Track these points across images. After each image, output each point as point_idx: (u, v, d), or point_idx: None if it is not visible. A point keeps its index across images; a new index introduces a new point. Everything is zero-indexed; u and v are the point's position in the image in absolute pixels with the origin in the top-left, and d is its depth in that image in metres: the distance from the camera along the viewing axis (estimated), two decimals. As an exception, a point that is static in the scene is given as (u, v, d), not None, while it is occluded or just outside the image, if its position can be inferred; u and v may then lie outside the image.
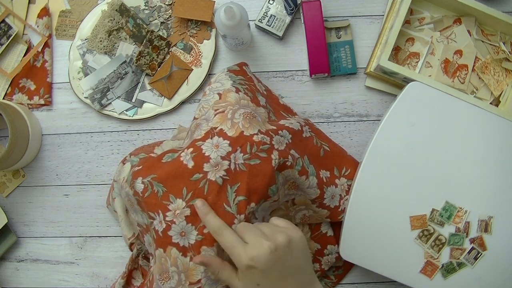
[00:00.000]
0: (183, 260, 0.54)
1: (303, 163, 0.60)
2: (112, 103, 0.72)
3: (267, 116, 0.61)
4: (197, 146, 0.56)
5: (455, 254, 0.61)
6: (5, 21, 0.72)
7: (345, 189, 0.66)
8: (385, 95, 0.72)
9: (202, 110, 0.61)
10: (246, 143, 0.56)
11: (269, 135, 0.57)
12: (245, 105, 0.59)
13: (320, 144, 0.65)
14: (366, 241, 0.62)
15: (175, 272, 0.55)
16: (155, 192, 0.55)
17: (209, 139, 0.56)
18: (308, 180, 0.61)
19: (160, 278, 0.56)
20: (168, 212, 0.54)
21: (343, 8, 0.73)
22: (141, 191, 0.55)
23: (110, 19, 0.71)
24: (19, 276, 0.73)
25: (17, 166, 0.71)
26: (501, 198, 0.62)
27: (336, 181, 0.65)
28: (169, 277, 0.55)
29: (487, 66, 0.69)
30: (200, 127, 0.58)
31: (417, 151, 0.62)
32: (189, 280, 0.54)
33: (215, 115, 0.58)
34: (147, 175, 0.56)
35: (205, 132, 0.56)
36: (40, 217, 0.73)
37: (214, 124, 0.57)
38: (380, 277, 0.62)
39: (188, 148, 0.56)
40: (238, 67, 0.65)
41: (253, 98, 0.61)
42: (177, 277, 0.55)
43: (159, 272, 0.56)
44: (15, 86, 0.73)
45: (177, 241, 0.54)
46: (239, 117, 0.57)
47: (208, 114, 0.59)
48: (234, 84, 0.61)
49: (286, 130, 0.59)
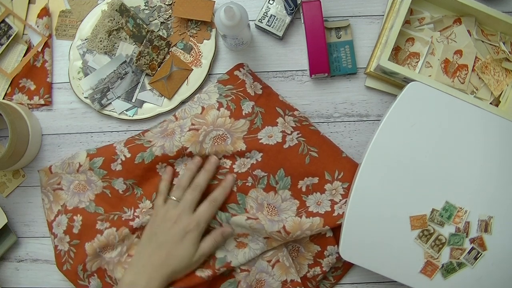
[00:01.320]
0: (130, 237, 0.68)
1: (269, 180, 0.67)
2: (112, 103, 0.72)
3: (249, 126, 0.68)
4: (170, 162, 0.69)
5: (455, 254, 0.61)
6: (5, 21, 0.72)
7: (339, 193, 0.67)
8: (385, 95, 0.72)
9: (183, 112, 0.70)
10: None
11: (233, 158, 0.68)
12: (220, 125, 0.68)
13: (307, 151, 0.68)
14: (366, 241, 0.62)
15: (120, 245, 0.68)
16: (135, 193, 0.69)
17: (180, 159, 0.68)
18: (277, 195, 0.67)
19: (102, 250, 0.68)
20: (137, 209, 0.69)
21: (343, 8, 0.73)
22: (122, 190, 0.69)
23: (110, 19, 0.71)
24: (19, 276, 0.73)
25: (17, 166, 0.71)
26: (501, 198, 0.62)
27: (324, 187, 0.67)
28: (113, 248, 0.68)
29: (487, 66, 0.69)
30: (173, 137, 0.68)
31: (417, 151, 0.62)
32: (128, 252, 0.68)
33: (190, 130, 0.67)
34: (128, 178, 0.69)
35: (177, 150, 0.67)
36: (40, 217, 0.73)
37: (186, 141, 0.67)
38: (380, 277, 0.62)
39: (162, 162, 0.68)
40: (228, 75, 0.69)
41: (235, 110, 0.68)
42: (120, 249, 0.68)
43: (100, 247, 0.68)
44: (15, 86, 0.73)
45: (131, 224, 0.68)
46: (209, 141, 0.68)
47: (184, 122, 0.68)
48: (219, 98, 0.69)
49: (256, 150, 0.67)
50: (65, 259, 0.69)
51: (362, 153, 0.70)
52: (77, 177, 0.70)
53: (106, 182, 0.69)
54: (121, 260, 0.68)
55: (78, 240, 0.69)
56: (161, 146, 0.68)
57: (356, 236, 0.62)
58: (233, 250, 0.67)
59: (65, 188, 0.70)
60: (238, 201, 0.67)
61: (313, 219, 0.66)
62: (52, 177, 0.70)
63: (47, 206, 0.71)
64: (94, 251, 0.68)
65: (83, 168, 0.69)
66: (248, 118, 0.68)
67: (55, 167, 0.70)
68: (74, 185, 0.70)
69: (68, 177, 0.70)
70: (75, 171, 0.70)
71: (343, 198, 0.67)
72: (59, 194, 0.70)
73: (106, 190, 0.69)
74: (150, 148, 0.68)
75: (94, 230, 0.68)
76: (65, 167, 0.70)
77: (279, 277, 0.67)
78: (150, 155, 0.67)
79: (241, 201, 0.67)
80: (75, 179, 0.70)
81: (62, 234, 0.69)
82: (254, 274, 0.67)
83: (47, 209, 0.71)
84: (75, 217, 0.69)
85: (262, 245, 0.66)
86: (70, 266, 0.69)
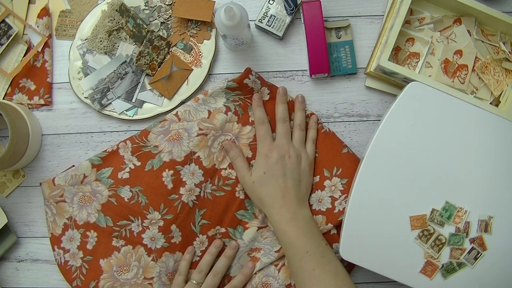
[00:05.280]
0: (146, 258, 0.68)
1: None
2: (112, 103, 0.72)
3: (254, 133, 0.69)
4: (177, 170, 0.68)
5: (455, 254, 0.61)
6: (5, 21, 0.72)
7: (338, 189, 0.68)
8: (385, 95, 0.72)
9: (188, 115, 0.70)
10: (215, 176, 0.69)
11: None
12: (228, 130, 0.69)
13: None
14: (366, 241, 0.62)
15: (136, 267, 0.68)
16: (139, 202, 0.69)
17: (187, 165, 0.68)
18: None
19: (118, 270, 0.68)
20: (145, 219, 0.68)
21: (343, 8, 0.73)
22: (128, 198, 0.69)
23: (110, 19, 0.71)
24: (19, 276, 0.73)
25: (17, 166, 0.71)
26: (501, 198, 0.62)
27: (324, 183, 0.68)
28: (129, 270, 0.68)
29: (487, 66, 0.69)
30: (181, 142, 0.69)
31: (417, 151, 0.62)
32: (144, 275, 0.68)
33: (198, 135, 0.68)
34: (134, 185, 0.69)
35: (185, 155, 0.68)
36: (40, 217, 0.73)
37: (194, 146, 0.68)
38: (380, 277, 0.62)
39: (169, 169, 0.68)
40: (237, 84, 0.69)
41: (243, 116, 0.70)
42: (136, 271, 0.68)
43: (118, 265, 0.68)
44: (15, 86, 0.73)
45: (146, 243, 0.68)
46: (217, 146, 0.69)
47: (191, 126, 0.69)
48: (226, 103, 0.69)
49: None
50: (76, 274, 0.69)
51: (362, 153, 0.70)
52: (81, 188, 0.69)
53: (112, 191, 0.69)
54: (138, 282, 0.68)
55: (92, 256, 0.69)
56: (169, 152, 0.68)
57: (356, 236, 0.62)
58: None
59: (68, 200, 0.70)
60: (247, 207, 0.69)
61: (316, 217, 0.67)
62: (54, 189, 0.70)
63: (50, 219, 0.70)
64: (111, 269, 0.68)
65: (88, 179, 0.69)
66: (254, 125, 0.69)
67: (58, 179, 0.70)
68: (79, 198, 0.69)
69: (71, 189, 0.69)
70: (79, 182, 0.69)
71: (343, 194, 0.68)
72: (62, 206, 0.70)
73: (112, 198, 0.69)
74: (158, 155, 0.69)
75: (111, 247, 0.69)
76: (68, 179, 0.69)
77: (283, 281, 0.68)
78: (158, 161, 0.68)
79: (249, 207, 0.69)
80: (78, 191, 0.69)
81: (75, 250, 0.69)
82: (261, 277, 0.68)
83: (51, 222, 0.70)
84: (88, 232, 0.69)
85: (273, 259, 0.68)
86: (81, 282, 0.69)
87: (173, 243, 0.68)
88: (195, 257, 0.69)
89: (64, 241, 0.70)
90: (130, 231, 0.69)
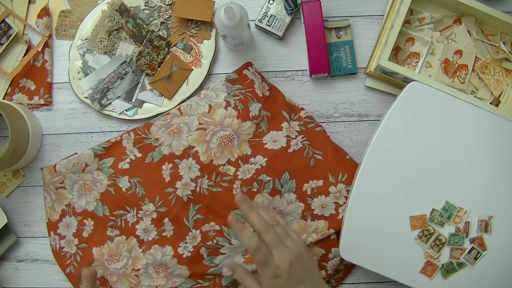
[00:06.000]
0: (137, 250, 0.69)
1: (274, 184, 0.68)
2: (112, 103, 0.72)
3: (254, 129, 0.68)
4: (175, 163, 0.69)
5: (455, 254, 0.61)
6: (5, 21, 0.72)
7: (343, 195, 0.67)
8: (385, 95, 0.72)
9: (189, 109, 0.70)
10: (212, 172, 0.68)
11: (237, 164, 0.68)
12: (227, 125, 0.68)
13: (312, 154, 0.69)
14: (366, 241, 0.62)
15: (126, 257, 0.69)
16: (136, 192, 0.69)
17: (185, 159, 0.68)
18: (283, 198, 0.68)
19: (109, 259, 0.69)
20: (140, 210, 0.69)
21: (343, 8, 0.73)
22: (126, 188, 0.69)
23: (110, 19, 0.71)
24: (19, 276, 0.73)
25: (17, 166, 0.71)
26: (501, 198, 0.62)
27: (329, 189, 0.68)
28: (119, 259, 0.69)
29: (487, 66, 0.69)
30: (181, 136, 0.69)
31: (417, 151, 0.62)
32: (133, 266, 0.69)
33: (197, 129, 0.68)
34: (134, 176, 0.69)
35: (183, 149, 0.68)
36: (40, 217, 0.73)
37: (193, 141, 0.68)
38: (380, 277, 0.62)
39: (168, 162, 0.69)
40: (237, 75, 0.69)
41: (243, 110, 0.68)
42: (125, 261, 0.69)
43: (109, 254, 0.69)
44: (15, 86, 0.73)
45: (139, 235, 0.69)
46: (215, 141, 0.68)
47: (191, 120, 0.69)
48: (227, 97, 0.69)
49: (261, 155, 0.68)
50: (70, 261, 0.70)
51: (362, 153, 0.70)
52: (82, 176, 0.70)
53: (111, 180, 0.69)
54: (126, 273, 0.68)
55: (86, 244, 0.69)
56: (168, 145, 0.69)
57: (356, 236, 0.62)
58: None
59: (68, 188, 0.70)
60: None
61: (318, 222, 0.67)
62: (55, 176, 0.70)
63: (49, 204, 0.71)
64: (101, 257, 0.68)
65: (89, 168, 0.70)
66: (255, 121, 0.68)
67: (59, 165, 0.70)
68: (79, 186, 0.70)
69: (72, 177, 0.70)
70: (80, 170, 0.70)
71: (347, 201, 0.67)
72: (61, 193, 0.70)
73: (110, 188, 0.69)
74: (158, 147, 0.69)
75: (105, 236, 0.69)
76: (70, 167, 0.70)
77: None
78: (158, 154, 0.69)
79: None
80: (79, 178, 0.70)
81: (71, 237, 0.70)
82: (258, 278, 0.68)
83: (49, 208, 0.71)
84: (85, 220, 0.69)
85: None
86: (74, 269, 0.69)
87: (164, 236, 0.68)
88: (187, 252, 0.68)
89: (61, 227, 0.70)
90: (126, 221, 0.69)
